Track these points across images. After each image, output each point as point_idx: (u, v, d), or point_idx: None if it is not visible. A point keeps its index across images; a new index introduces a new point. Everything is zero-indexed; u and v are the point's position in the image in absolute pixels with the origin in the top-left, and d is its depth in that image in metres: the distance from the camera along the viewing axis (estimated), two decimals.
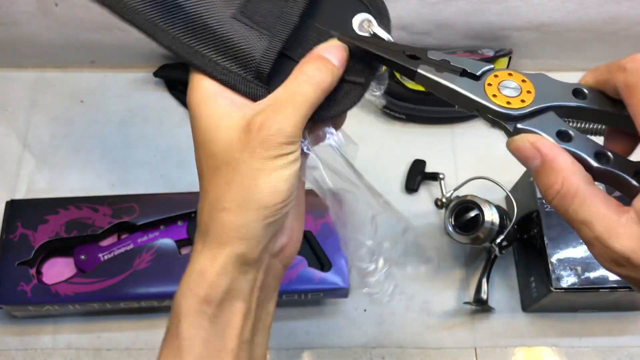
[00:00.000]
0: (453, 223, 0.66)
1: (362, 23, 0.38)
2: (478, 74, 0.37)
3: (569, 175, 0.31)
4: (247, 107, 0.34)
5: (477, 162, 0.79)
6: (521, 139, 0.34)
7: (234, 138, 0.33)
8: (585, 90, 0.36)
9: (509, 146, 0.35)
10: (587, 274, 0.61)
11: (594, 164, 0.33)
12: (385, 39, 0.38)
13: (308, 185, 0.39)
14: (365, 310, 0.70)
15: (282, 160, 0.32)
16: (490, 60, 0.77)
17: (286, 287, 0.64)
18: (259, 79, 0.35)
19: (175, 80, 0.83)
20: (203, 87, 0.34)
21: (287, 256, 0.38)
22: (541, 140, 0.33)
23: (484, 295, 0.66)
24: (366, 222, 0.39)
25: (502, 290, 0.71)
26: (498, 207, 0.65)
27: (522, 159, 0.34)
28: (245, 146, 0.32)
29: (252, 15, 0.36)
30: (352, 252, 0.40)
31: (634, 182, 0.32)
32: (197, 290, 0.33)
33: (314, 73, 0.34)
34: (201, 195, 0.36)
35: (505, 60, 0.78)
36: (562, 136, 0.34)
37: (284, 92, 0.34)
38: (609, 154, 0.33)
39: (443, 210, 0.68)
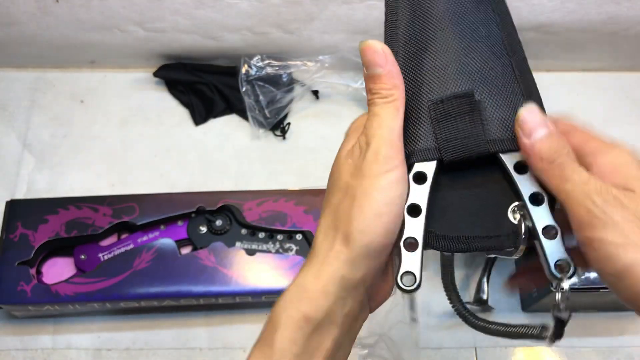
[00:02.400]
0: None
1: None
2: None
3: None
4: None
5: None
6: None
7: (343, 163, 0.36)
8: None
9: (524, 109, 0.35)
10: (587, 274, 0.61)
11: None
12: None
13: None
14: None
15: (384, 182, 0.34)
16: None
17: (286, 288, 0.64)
18: None
19: (175, 81, 0.83)
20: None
21: (377, 300, 0.39)
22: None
23: (484, 295, 0.66)
24: None
25: (502, 290, 0.71)
26: None
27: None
28: (354, 171, 0.35)
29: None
30: None
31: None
32: (300, 305, 0.35)
33: (380, 93, 0.37)
34: (321, 214, 0.38)
35: None
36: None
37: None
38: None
39: None
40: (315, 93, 0.83)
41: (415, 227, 0.35)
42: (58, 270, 0.68)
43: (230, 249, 0.66)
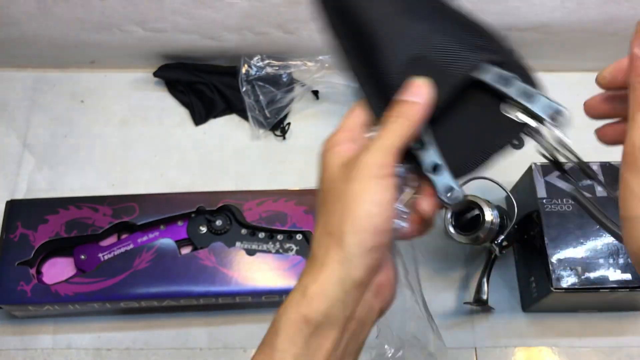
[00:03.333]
0: (453, 223, 0.66)
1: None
2: None
3: None
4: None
5: None
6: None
7: (336, 172, 0.38)
8: None
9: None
10: (587, 274, 0.61)
11: None
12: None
13: None
14: None
15: (376, 187, 0.36)
16: None
17: (286, 288, 0.64)
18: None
19: (175, 81, 0.83)
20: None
21: (384, 300, 0.40)
22: None
23: (484, 295, 0.66)
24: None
25: (502, 290, 0.71)
26: (498, 207, 0.65)
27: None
28: (345, 177, 0.37)
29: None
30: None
31: None
32: (299, 308, 0.36)
33: (399, 112, 0.39)
34: (315, 224, 0.39)
35: None
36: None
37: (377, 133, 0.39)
38: None
39: (443, 210, 0.68)
40: (316, 93, 0.83)
41: (432, 155, 0.39)
42: (58, 270, 0.68)
43: (230, 249, 0.66)
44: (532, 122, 0.41)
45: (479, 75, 0.39)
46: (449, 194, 0.40)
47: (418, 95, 0.38)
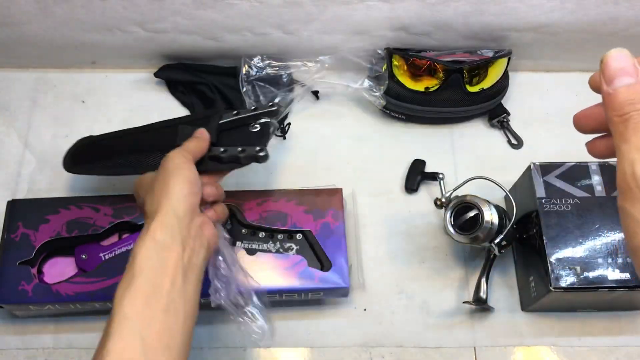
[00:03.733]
0: (452, 223, 0.66)
1: None
2: None
3: None
4: None
5: (476, 162, 0.79)
6: (627, 54, 0.35)
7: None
8: None
9: (608, 55, 0.35)
10: (586, 274, 0.61)
11: None
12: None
13: None
14: (365, 310, 0.70)
15: (183, 168, 0.54)
16: (490, 60, 0.77)
17: (286, 287, 0.64)
18: None
19: (175, 81, 0.83)
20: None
21: (209, 232, 0.54)
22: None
23: (483, 295, 0.66)
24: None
25: (501, 290, 0.71)
26: (497, 207, 0.65)
27: (616, 69, 0.35)
28: (164, 165, 0.56)
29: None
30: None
31: None
32: (148, 235, 0.49)
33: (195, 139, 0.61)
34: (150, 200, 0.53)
35: (504, 60, 0.78)
36: None
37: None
38: None
39: (442, 210, 0.68)
40: (316, 93, 0.83)
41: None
42: (59, 269, 0.68)
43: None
44: (265, 118, 0.66)
45: (224, 118, 0.66)
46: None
47: (203, 134, 0.62)
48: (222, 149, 0.62)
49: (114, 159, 0.68)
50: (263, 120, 0.66)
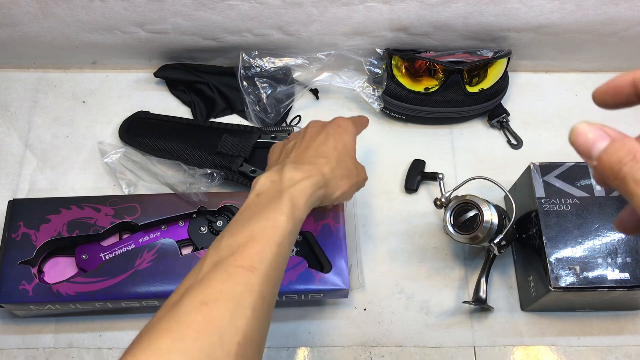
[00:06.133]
0: (452, 223, 0.66)
1: None
2: None
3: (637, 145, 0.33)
4: None
5: (476, 162, 0.79)
6: (587, 124, 0.35)
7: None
8: None
9: (571, 134, 0.35)
10: (585, 274, 0.61)
11: None
12: None
13: None
14: (365, 310, 0.70)
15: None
16: (490, 61, 0.77)
17: (287, 288, 0.64)
18: None
19: (176, 80, 0.83)
20: None
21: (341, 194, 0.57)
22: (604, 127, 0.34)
23: (483, 295, 0.66)
24: None
25: (501, 290, 0.71)
26: (497, 207, 0.65)
27: (586, 142, 0.34)
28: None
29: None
30: None
31: None
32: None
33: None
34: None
35: (504, 60, 0.78)
36: None
37: None
38: None
39: (442, 210, 0.68)
40: (315, 93, 0.83)
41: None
42: (60, 269, 0.68)
43: None
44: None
45: (262, 138, 0.76)
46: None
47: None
48: (252, 169, 0.73)
49: (160, 142, 0.76)
50: None
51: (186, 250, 0.68)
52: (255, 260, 0.43)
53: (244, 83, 0.79)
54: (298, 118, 0.81)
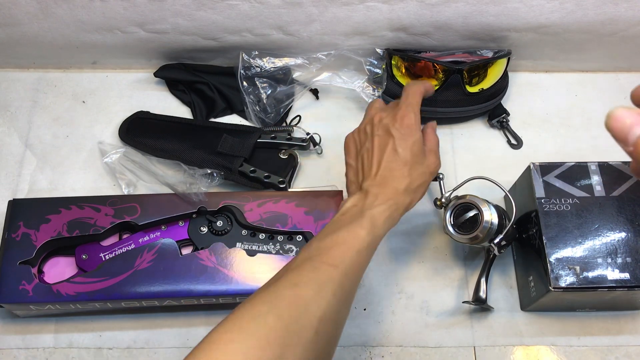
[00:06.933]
0: (452, 222, 0.66)
1: None
2: None
3: None
4: None
5: (476, 162, 0.79)
6: (625, 109, 0.34)
7: None
8: None
9: (608, 118, 0.34)
10: (585, 274, 0.61)
11: None
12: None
13: None
14: (365, 310, 0.70)
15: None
16: (490, 61, 0.77)
17: None
18: None
19: (176, 80, 0.83)
20: None
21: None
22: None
23: (483, 295, 0.66)
24: None
25: (501, 290, 0.71)
26: (497, 207, 0.65)
27: (623, 127, 0.34)
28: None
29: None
30: None
31: None
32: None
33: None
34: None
35: (504, 60, 0.78)
36: None
37: None
38: None
39: (442, 210, 0.68)
40: (315, 93, 0.83)
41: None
42: (60, 269, 0.68)
43: (231, 250, 0.66)
44: (297, 150, 0.78)
45: (262, 138, 0.77)
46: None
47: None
48: (251, 169, 0.74)
49: (160, 142, 0.76)
50: (292, 150, 0.78)
51: (186, 250, 0.68)
52: (338, 260, 0.51)
53: (244, 83, 0.79)
54: (298, 118, 0.81)
